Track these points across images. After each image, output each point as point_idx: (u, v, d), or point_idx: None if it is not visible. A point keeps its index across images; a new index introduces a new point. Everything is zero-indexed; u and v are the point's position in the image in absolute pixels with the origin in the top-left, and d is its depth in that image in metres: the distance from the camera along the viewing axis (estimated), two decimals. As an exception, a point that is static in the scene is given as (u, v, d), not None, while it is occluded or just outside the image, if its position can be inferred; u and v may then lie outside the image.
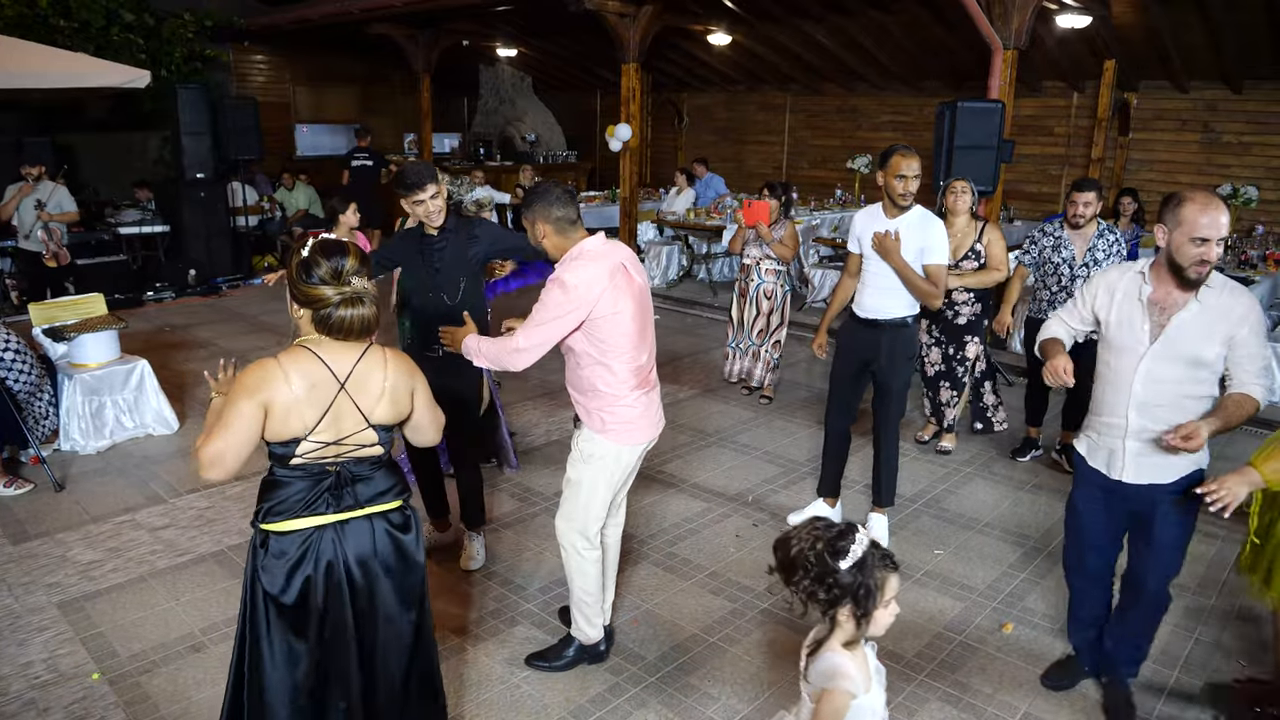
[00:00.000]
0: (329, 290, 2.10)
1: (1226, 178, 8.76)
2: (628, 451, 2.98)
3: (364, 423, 2.18)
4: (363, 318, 2.14)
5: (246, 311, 8.72)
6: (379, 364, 2.21)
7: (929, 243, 3.81)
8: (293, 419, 2.10)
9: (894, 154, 3.78)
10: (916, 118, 11.28)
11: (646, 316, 2.96)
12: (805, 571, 1.86)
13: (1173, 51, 8.37)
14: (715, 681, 3.16)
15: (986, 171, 6.42)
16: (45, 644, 3.31)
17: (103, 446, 5.19)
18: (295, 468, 2.16)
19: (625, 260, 2.89)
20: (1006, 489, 4.85)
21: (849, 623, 1.88)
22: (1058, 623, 3.54)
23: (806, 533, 1.90)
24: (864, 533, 1.89)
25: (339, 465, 2.19)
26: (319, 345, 2.16)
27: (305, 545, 2.17)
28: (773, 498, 4.65)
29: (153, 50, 11.40)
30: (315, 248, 2.14)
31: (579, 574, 3.07)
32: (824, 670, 1.89)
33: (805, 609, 1.92)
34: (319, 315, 2.12)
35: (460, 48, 12.98)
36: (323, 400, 2.12)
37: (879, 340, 3.94)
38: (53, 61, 7.94)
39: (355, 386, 2.16)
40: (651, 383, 3.03)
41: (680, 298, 9.53)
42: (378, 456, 2.25)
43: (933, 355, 5.28)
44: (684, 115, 14.30)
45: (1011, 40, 6.52)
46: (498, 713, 2.98)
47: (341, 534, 2.19)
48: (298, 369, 2.11)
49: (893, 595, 1.89)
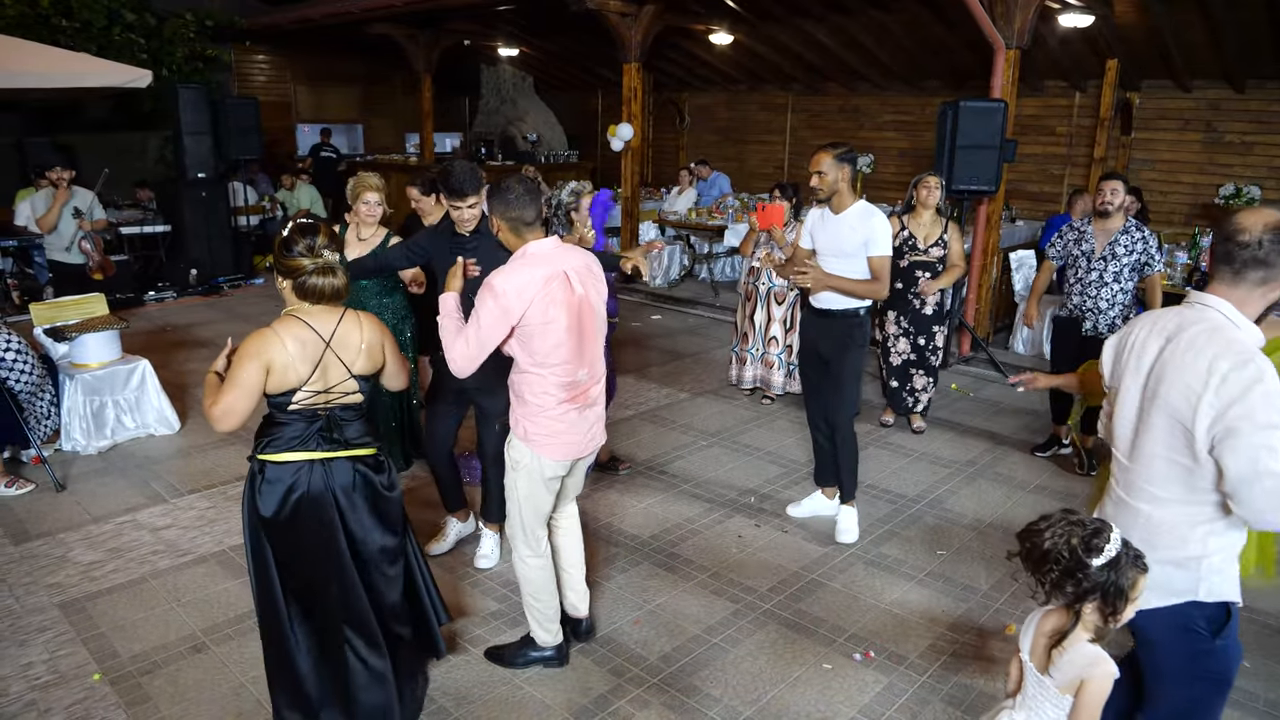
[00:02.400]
0: (306, 261, 2.50)
1: (1229, 177, 8.75)
2: (549, 465, 2.92)
3: (347, 374, 2.60)
4: (333, 285, 2.55)
5: (248, 311, 8.71)
6: (355, 325, 2.64)
7: (871, 235, 3.89)
8: (290, 374, 2.50)
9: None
10: (918, 117, 11.26)
11: (585, 330, 2.87)
12: (1056, 564, 1.91)
13: (1175, 51, 8.35)
14: (717, 683, 3.15)
15: (989, 171, 6.41)
16: (46, 644, 3.31)
17: (104, 446, 5.19)
18: (292, 412, 2.56)
19: (572, 269, 2.83)
20: (1010, 489, 4.84)
21: (1094, 617, 1.93)
22: (1061, 624, 3.53)
23: (1061, 526, 1.94)
24: (1118, 531, 1.92)
25: (329, 410, 2.60)
26: (304, 313, 2.56)
27: (297, 475, 2.57)
28: (775, 498, 4.64)
29: (154, 50, 11.41)
30: (293, 228, 2.54)
31: (522, 579, 3.13)
32: (1082, 660, 1.94)
33: (1047, 598, 1.97)
34: (298, 283, 2.53)
35: (461, 47, 12.98)
36: (312, 356, 2.54)
37: (830, 330, 4.05)
38: (54, 61, 7.93)
39: (338, 344, 2.58)
40: (589, 399, 2.95)
41: (682, 297, 9.52)
42: (359, 404, 2.68)
43: (900, 345, 5.48)
44: (685, 115, 14.28)
45: (1014, 40, 6.51)
46: (500, 713, 2.97)
47: (329, 469, 2.60)
48: (290, 333, 2.51)
49: (1139, 594, 1.92)
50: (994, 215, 7.07)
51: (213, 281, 9.60)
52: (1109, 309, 4.77)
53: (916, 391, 5.54)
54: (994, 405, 6.25)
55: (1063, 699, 1.97)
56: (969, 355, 7.30)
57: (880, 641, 3.41)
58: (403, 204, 5.82)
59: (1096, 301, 4.79)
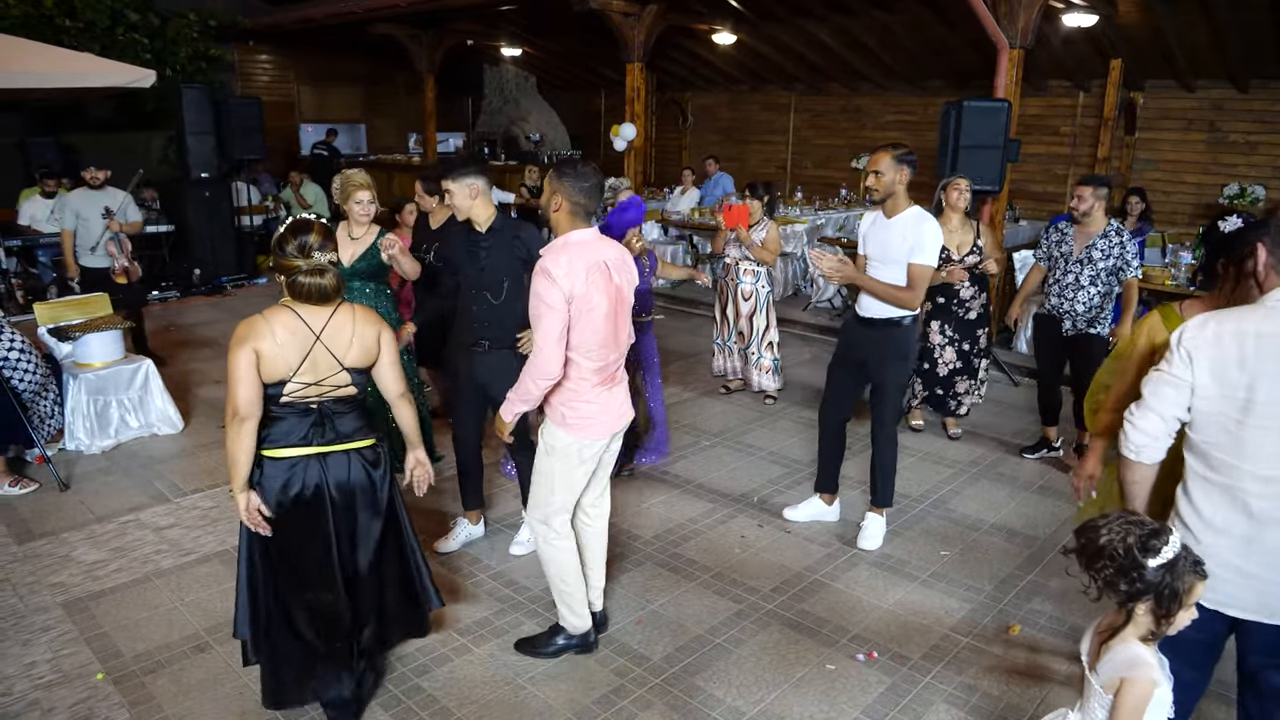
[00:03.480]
0: (298, 261, 2.55)
1: (1233, 177, 8.73)
2: (589, 445, 3.01)
3: (338, 366, 2.64)
4: (321, 286, 2.59)
5: (251, 311, 8.53)
6: (348, 318, 2.68)
7: (919, 242, 3.79)
8: (279, 362, 2.56)
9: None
10: (921, 117, 11.25)
11: (621, 318, 2.98)
12: (1111, 561, 1.90)
13: (1178, 51, 8.34)
14: (720, 683, 3.14)
15: (992, 171, 6.40)
16: (50, 644, 3.31)
17: (107, 446, 5.19)
18: (285, 405, 2.61)
19: (609, 259, 2.91)
20: (1013, 489, 4.83)
21: (1147, 618, 1.92)
22: (1064, 625, 3.53)
23: (1119, 524, 1.93)
24: (1178, 535, 1.91)
25: (321, 403, 2.65)
26: (297, 304, 2.61)
27: (292, 470, 2.63)
28: (777, 498, 4.64)
29: (157, 50, 11.43)
30: (287, 227, 2.60)
31: (550, 561, 3.15)
32: (1122, 661, 1.93)
33: (1100, 595, 1.96)
34: (289, 281, 2.59)
35: (464, 47, 12.98)
36: (301, 346, 2.58)
37: (872, 338, 3.97)
38: (58, 61, 7.93)
39: (328, 336, 2.62)
40: (617, 379, 3.07)
41: (684, 297, 9.51)
42: (353, 396, 2.71)
43: (947, 354, 5.35)
44: (688, 115, 14.28)
45: (1017, 39, 6.50)
46: (502, 713, 2.97)
47: (325, 464, 2.67)
48: (279, 322, 2.58)
49: (1195, 600, 1.91)
50: (998, 215, 7.06)
51: (216, 281, 9.62)
52: (1085, 311, 4.80)
53: (959, 395, 5.43)
54: (997, 406, 6.24)
55: (1106, 699, 1.96)
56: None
57: (883, 642, 3.40)
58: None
59: (1073, 304, 4.81)
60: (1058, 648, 3.38)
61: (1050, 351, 5.06)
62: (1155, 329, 2.56)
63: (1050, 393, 5.14)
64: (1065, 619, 3.57)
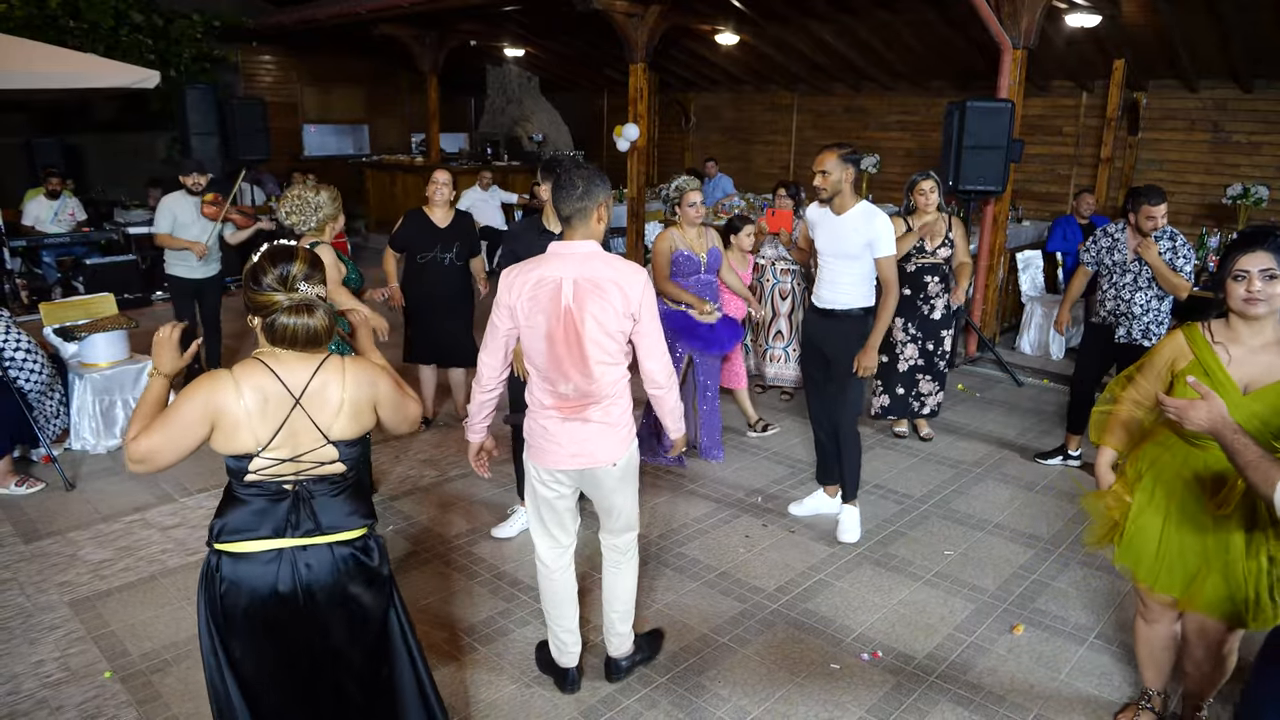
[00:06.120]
0: (278, 296, 1.99)
1: (1236, 177, 8.71)
2: (541, 471, 2.81)
3: (322, 439, 2.06)
4: (308, 327, 2.01)
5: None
6: (337, 375, 2.08)
7: (876, 236, 3.88)
8: (243, 433, 2.00)
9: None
10: (924, 117, 11.25)
11: (566, 343, 2.62)
12: None
13: (1182, 51, 8.33)
14: (725, 682, 3.15)
15: (995, 171, 6.40)
16: (57, 642, 3.33)
17: (113, 445, 5.21)
18: (250, 484, 2.05)
19: (576, 278, 2.59)
20: (1016, 490, 4.84)
21: None
22: (1068, 625, 3.53)
23: None
24: None
25: (297, 484, 2.08)
26: (272, 357, 2.05)
27: (262, 570, 2.04)
28: (782, 498, 4.64)
29: (161, 51, 11.45)
30: (264, 253, 2.03)
31: (539, 586, 3.05)
32: None
33: None
34: (266, 322, 2.01)
35: (467, 48, 12.98)
36: (276, 415, 2.01)
37: (833, 329, 4.06)
38: (62, 62, 7.95)
39: (311, 401, 2.05)
40: (582, 416, 2.72)
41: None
42: (340, 475, 2.12)
43: (908, 351, 5.40)
44: (691, 115, 14.29)
45: (1021, 40, 6.50)
46: (507, 714, 2.98)
47: (299, 561, 2.06)
48: (250, 382, 2.00)
49: None
50: (1000, 215, 7.06)
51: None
52: (1142, 314, 4.71)
53: (923, 396, 5.49)
54: (1001, 406, 6.24)
55: None
56: (975, 356, 7.29)
57: (888, 641, 3.41)
58: (405, 202, 5.80)
59: (1130, 305, 4.71)
60: (1062, 648, 3.38)
61: (1096, 359, 4.95)
62: (1180, 353, 2.50)
63: (1084, 404, 5.00)
64: (1069, 619, 3.58)
